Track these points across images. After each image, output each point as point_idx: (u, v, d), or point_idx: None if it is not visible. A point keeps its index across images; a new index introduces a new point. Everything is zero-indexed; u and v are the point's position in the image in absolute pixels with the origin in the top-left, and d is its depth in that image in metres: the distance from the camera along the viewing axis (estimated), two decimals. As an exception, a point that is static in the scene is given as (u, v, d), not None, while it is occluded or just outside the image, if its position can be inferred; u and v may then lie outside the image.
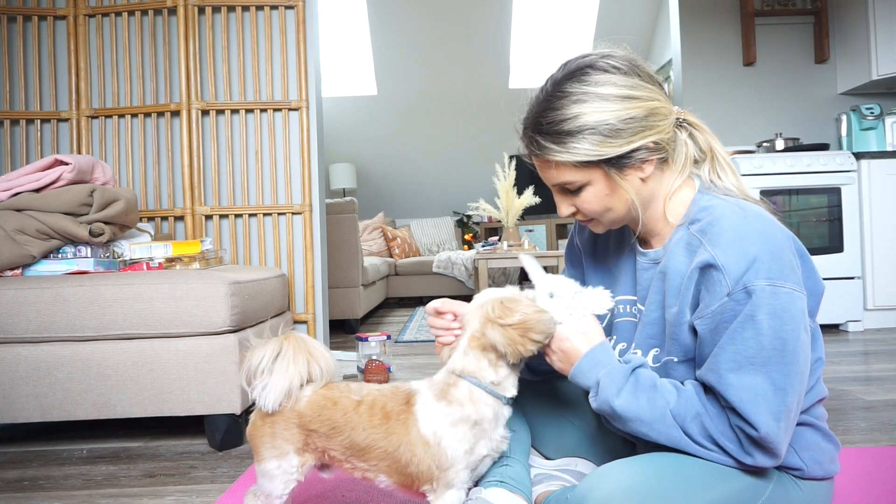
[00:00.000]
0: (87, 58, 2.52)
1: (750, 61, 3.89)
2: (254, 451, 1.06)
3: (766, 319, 0.82)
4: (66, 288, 1.67)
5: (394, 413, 1.00)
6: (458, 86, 6.32)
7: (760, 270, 0.82)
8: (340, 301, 3.89)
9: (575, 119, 0.89)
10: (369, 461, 1.00)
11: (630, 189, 0.93)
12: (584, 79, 0.91)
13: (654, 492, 0.86)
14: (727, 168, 0.98)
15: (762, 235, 0.85)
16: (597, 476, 0.91)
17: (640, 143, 0.90)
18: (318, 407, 1.02)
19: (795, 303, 0.83)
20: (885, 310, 3.40)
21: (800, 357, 0.84)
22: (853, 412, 1.87)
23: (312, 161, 2.56)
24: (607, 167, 0.91)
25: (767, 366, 0.82)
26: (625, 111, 0.89)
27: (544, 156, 0.93)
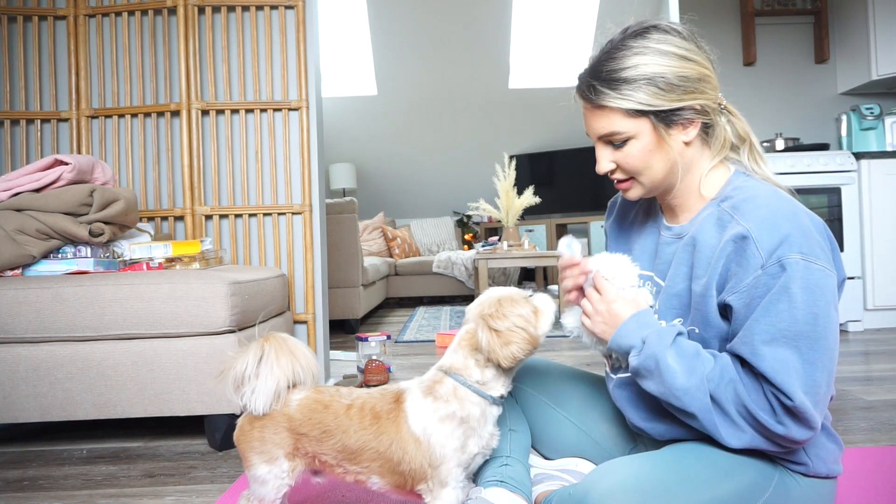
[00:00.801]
0: (87, 58, 2.52)
1: (750, 61, 3.89)
2: (242, 458, 1.05)
3: (800, 293, 0.83)
4: (65, 288, 1.67)
5: (384, 412, 1.00)
6: (458, 86, 6.32)
7: (794, 245, 0.84)
8: (340, 301, 3.89)
9: (634, 68, 0.93)
10: (361, 463, 1.00)
11: (674, 147, 0.95)
12: (646, 35, 0.97)
13: (657, 487, 0.86)
14: (762, 158, 1.01)
15: (794, 215, 0.88)
16: (600, 472, 0.91)
17: (690, 102, 0.93)
18: (308, 411, 1.02)
19: (828, 280, 0.85)
20: (885, 310, 3.40)
21: (829, 333, 0.84)
22: (853, 412, 1.87)
23: (312, 161, 2.56)
24: (656, 120, 0.94)
25: (798, 340, 0.83)
26: (681, 69, 0.93)
27: (599, 101, 0.95)
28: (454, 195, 6.89)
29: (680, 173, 0.97)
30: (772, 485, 0.91)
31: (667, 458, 0.92)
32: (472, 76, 6.24)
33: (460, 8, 5.79)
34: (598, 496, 0.86)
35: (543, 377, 1.22)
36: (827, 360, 0.85)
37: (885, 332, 3.30)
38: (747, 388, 0.87)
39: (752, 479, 0.90)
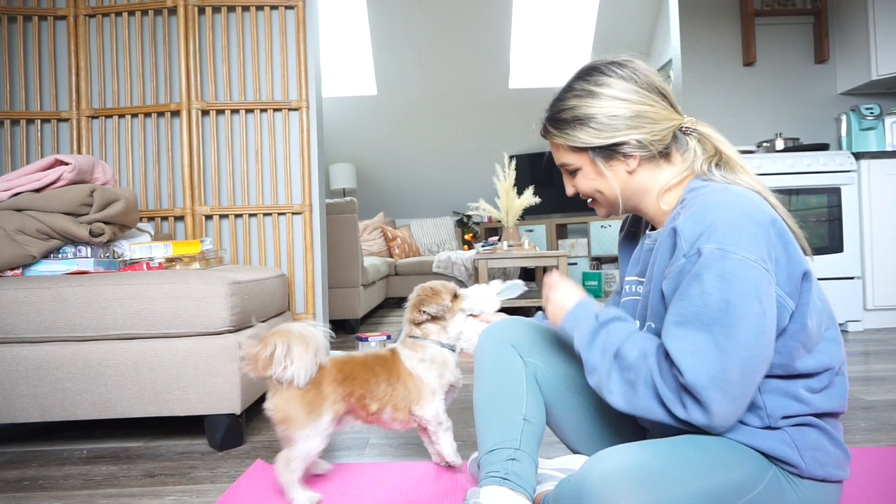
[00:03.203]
0: (87, 58, 2.52)
1: (750, 61, 3.89)
2: (289, 423, 1.28)
3: (712, 280, 0.87)
4: (66, 288, 1.67)
5: (389, 360, 1.42)
6: (458, 86, 6.32)
7: (713, 235, 0.88)
8: (340, 301, 3.89)
9: (571, 110, 1.05)
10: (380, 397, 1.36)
11: (613, 178, 1.06)
12: (587, 78, 1.06)
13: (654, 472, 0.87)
14: (739, 168, 1.04)
15: (728, 206, 0.91)
16: (597, 457, 0.91)
17: (623, 138, 1.02)
18: (341, 364, 1.37)
19: (748, 271, 0.86)
20: (885, 310, 3.40)
21: (745, 323, 0.85)
22: (853, 412, 1.87)
23: (312, 161, 2.56)
24: (593, 154, 1.05)
25: (712, 326, 0.86)
26: (612, 109, 1.02)
27: (549, 138, 1.10)
28: (454, 195, 6.89)
29: (632, 196, 1.07)
30: (764, 480, 0.92)
31: (664, 446, 0.93)
32: (472, 76, 6.24)
33: (460, 8, 5.79)
34: (596, 480, 0.86)
35: (570, 359, 1.18)
36: (742, 351, 0.85)
37: (884, 332, 3.30)
38: (661, 365, 0.91)
39: (747, 473, 0.91)
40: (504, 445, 1.09)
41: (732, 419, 0.89)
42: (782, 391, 0.94)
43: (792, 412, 0.93)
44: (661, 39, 5.98)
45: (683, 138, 1.06)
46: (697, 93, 3.94)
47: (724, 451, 0.92)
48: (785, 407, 0.93)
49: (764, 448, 0.93)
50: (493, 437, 1.11)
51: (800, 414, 0.94)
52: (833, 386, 0.96)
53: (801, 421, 0.93)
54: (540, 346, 1.19)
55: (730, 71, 3.94)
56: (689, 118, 1.06)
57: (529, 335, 1.19)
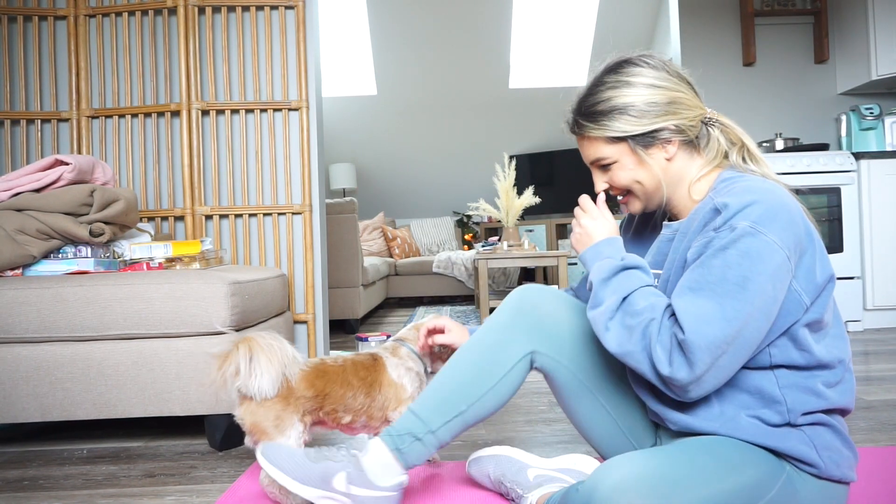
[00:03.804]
0: (87, 58, 2.52)
1: (750, 61, 3.89)
2: (260, 433, 1.26)
3: (736, 255, 0.88)
4: (66, 288, 1.67)
5: (370, 366, 1.38)
6: (458, 86, 6.32)
7: (749, 215, 0.90)
8: (340, 301, 3.89)
9: (607, 101, 1.06)
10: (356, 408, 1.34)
11: (655, 165, 1.06)
12: (619, 70, 1.08)
13: (665, 481, 0.87)
14: (760, 160, 1.07)
15: (768, 193, 0.92)
16: (607, 467, 0.91)
17: (662, 124, 1.04)
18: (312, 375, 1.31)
19: (772, 254, 0.88)
20: (885, 310, 3.40)
21: (756, 301, 0.87)
22: (853, 412, 1.87)
23: (312, 161, 2.56)
24: (633, 143, 1.05)
25: (725, 298, 0.87)
26: (649, 96, 1.04)
27: (583, 133, 1.10)
28: (454, 195, 6.88)
29: (670, 184, 1.07)
30: (779, 482, 0.91)
31: (674, 452, 0.92)
32: (472, 76, 6.24)
33: (460, 8, 5.79)
34: (607, 490, 0.86)
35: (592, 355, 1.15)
36: (744, 328, 0.87)
37: (884, 332, 3.30)
38: (662, 324, 0.92)
39: (760, 475, 0.91)
40: (425, 421, 1.11)
41: (708, 388, 0.91)
42: (801, 386, 0.94)
43: (811, 408, 0.94)
44: (661, 39, 5.98)
45: (705, 130, 1.08)
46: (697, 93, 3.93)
47: (735, 454, 0.92)
48: (805, 402, 0.94)
49: (785, 448, 0.93)
50: (427, 405, 1.12)
51: (818, 410, 0.94)
52: (845, 381, 0.97)
53: (818, 419, 0.94)
54: (561, 334, 1.14)
55: (730, 71, 3.94)
56: (710, 110, 1.09)
57: (556, 320, 1.14)
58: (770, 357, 0.94)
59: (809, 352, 0.94)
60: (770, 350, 0.94)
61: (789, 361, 0.94)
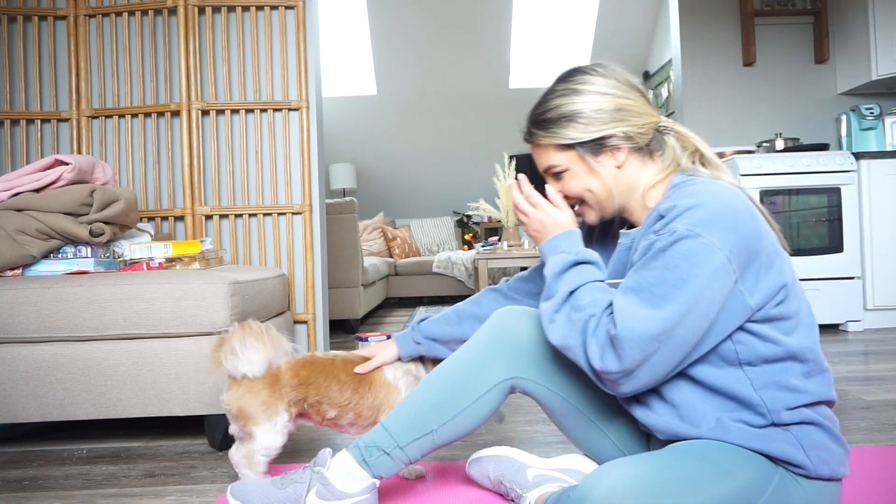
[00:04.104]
0: (87, 58, 2.52)
1: (750, 61, 3.89)
2: (246, 418, 1.28)
3: (675, 257, 0.90)
4: (66, 288, 1.67)
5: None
6: (458, 86, 6.32)
7: (689, 218, 0.91)
8: (340, 301, 3.89)
9: (557, 109, 1.08)
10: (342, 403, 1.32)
11: (605, 172, 1.07)
12: (569, 79, 1.10)
13: (657, 488, 0.86)
14: (716, 164, 1.07)
15: (710, 195, 0.94)
16: (599, 473, 0.91)
17: (610, 131, 1.05)
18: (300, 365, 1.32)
19: (711, 256, 0.89)
20: (885, 310, 3.40)
21: (691, 302, 0.88)
22: (853, 412, 1.87)
23: (312, 161, 2.56)
24: (582, 150, 1.06)
25: (660, 298, 0.89)
26: (597, 104, 1.05)
27: (534, 140, 1.12)
28: (454, 195, 6.88)
29: (623, 192, 1.08)
30: (771, 485, 0.91)
31: (666, 458, 0.92)
32: (472, 76, 6.24)
33: (460, 8, 5.79)
34: (598, 497, 0.86)
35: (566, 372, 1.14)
36: (675, 325, 0.88)
37: (884, 332, 3.30)
38: (601, 321, 0.94)
39: (751, 479, 0.90)
40: (395, 437, 1.12)
41: (643, 384, 0.92)
42: (776, 384, 0.93)
43: (792, 404, 0.93)
44: (661, 39, 5.98)
45: (661, 138, 1.09)
46: (697, 93, 3.94)
47: (726, 458, 0.92)
48: (783, 399, 0.93)
49: (771, 451, 0.92)
50: (399, 420, 1.13)
51: (800, 405, 0.94)
52: (823, 371, 0.97)
53: (803, 417, 0.93)
54: (543, 356, 1.12)
55: (730, 71, 3.94)
56: (665, 118, 1.10)
57: (537, 342, 1.12)
58: (737, 354, 0.95)
59: (777, 343, 0.93)
60: (735, 347, 0.94)
61: (756, 356, 0.94)
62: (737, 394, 0.94)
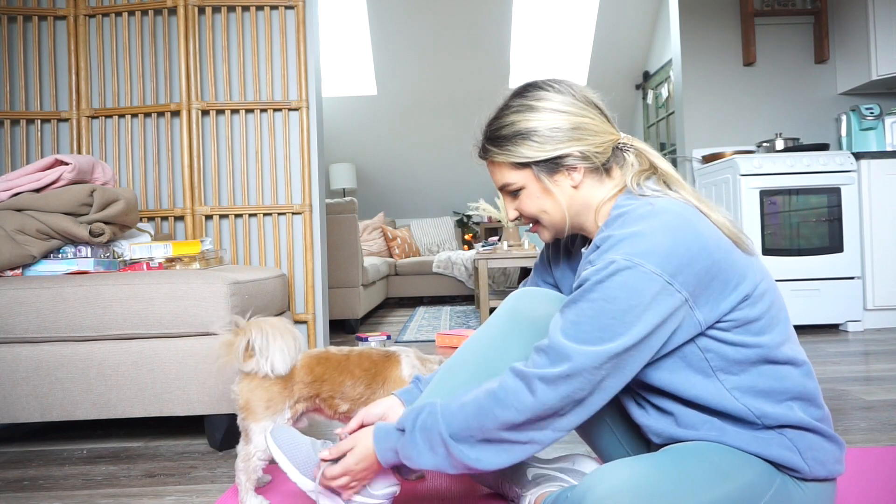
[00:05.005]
0: (87, 58, 2.52)
1: (750, 61, 3.89)
2: (249, 412, 1.28)
3: (615, 288, 0.87)
4: (66, 288, 1.67)
5: (379, 360, 1.36)
6: (458, 86, 6.32)
7: (625, 247, 0.89)
8: (340, 301, 3.89)
9: (511, 125, 1.04)
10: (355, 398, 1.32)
11: (559, 193, 1.04)
12: (525, 94, 1.05)
13: (656, 490, 0.86)
14: (675, 182, 1.03)
15: (651, 219, 0.91)
16: (597, 474, 0.91)
17: (567, 150, 1.01)
18: (315, 360, 1.33)
19: (650, 283, 0.87)
20: (885, 310, 3.40)
21: (631, 331, 0.87)
22: (853, 412, 1.87)
23: (312, 161, 2.56)
24: (536, 169, 1.03)
25: (602, 332, 0.87)
26: (553, 122, 1.01)
27: (488, 157, 1.08)
28: (454, 195, 6.89)
29: (578, 213, 1.05)
30: (772, 488, 0.91)
31: (665, 460, 0.92)
32: (472, 76, 6.25)
33: (460, 8, 5.79)
34: (596, 498, 0.86)
35: None
36: (611, 351, 0.87)
37: (884, 332, 3.30)
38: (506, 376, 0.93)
39: (751, 481, 0.90)
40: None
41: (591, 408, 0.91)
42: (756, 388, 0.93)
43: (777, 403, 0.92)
44: (661, 39, 5.98)
45: (621, 154, 1.05)
46: (697, 93, 3.94)
47: (726, 460, 0.91)
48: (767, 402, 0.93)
49: (768, 454, 0.92)
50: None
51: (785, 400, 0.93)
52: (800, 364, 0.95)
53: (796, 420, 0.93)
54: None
55: (730, 71, 3.94)
56: (625, 135, 1.06)
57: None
58: (707, 362, 0.93)
59: (747, 346, 0.92)
60: (704, 356, 0.93)
61: (728, 362, 0.93)
62: (722, 408, 0.93)
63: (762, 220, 3.33)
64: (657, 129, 6.15)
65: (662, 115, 5.97)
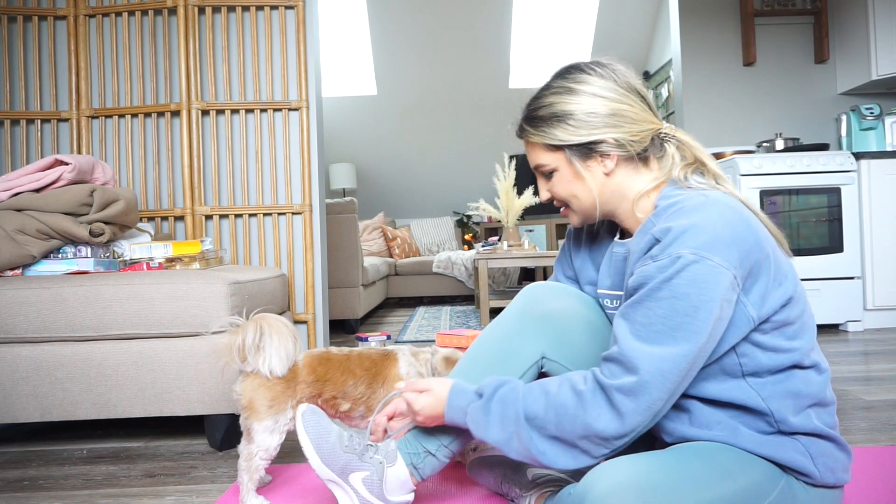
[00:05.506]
0: (87, 58, 2.52)
1: (750, 61, 3.89)
2: (252, 411, 1.27)
3: (683, 285, 0.85)
4: (66, 288, 1.67)
5: (378, 359, 1.37)
6: (458, 86, 6.32)
7: (689, 240, 0.86)
8: (340, 301, 3.89)
9: (549, 107, 1.03)
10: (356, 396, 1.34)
11: (590, 179, 1.03)
12: (566, 76, 1.04)
13: (657, 487, 0.86)
14: (719, 177, 1.01)
15: (706, 211, 0.89)
16: (599, 471, 0.90)
17: (601, 136, 0.99)
18: (317, 360, 1.34)
19: (719, 277, 0.85)
20: (885, 310, 3.40)
21: (704, 328, 0.85)
22: (853, 412, 1.87)
23: (312, 161, 2.56)
24: (569, 153, 1.02)
25: (676, 331, 0.85)
26: (590, 106, 1.00)
27: (524, 137, 1.08)
28: (454, 195, 6.88)
29: (609, 201, 1.04)
30: (777, 489, 0.91)
31: (668, 458, 0.92)
32: (472, 76, 6.25)
33: (460, 8, 5.79)
34: (597, 496, 0.86)
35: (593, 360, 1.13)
36: (693, 355, 0.86)
37: (885, 332, 3.30)
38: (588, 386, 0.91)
39: (755, 481, 0.90)
40: (440, 436, 1.11)
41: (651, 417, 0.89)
42: (781, 392, 0.93)
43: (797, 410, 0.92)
44: (661, 39, 5.98)
45: (661, 145, 1.03)
46: (697, 93, 3.94)
47: (729, 460, 0.91)
48: (789, 407, 0.92)
49: (781, 458, 0.92)
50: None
51: (805, 407, 0.93)
52: (822, 372, 0.96)
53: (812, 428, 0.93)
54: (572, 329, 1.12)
55: (730, 71, 3.94)
56: (667, 125, 1.04)
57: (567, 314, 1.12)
58: (741, 366, 0.93)
59: (780, 351, 0.92)
60: (740, 360, 0.92)
61: (760, 367, 0.92)
62: (745, 403, 0.93)
63: (762, 220, 3.33)
64: (657, 129, 6.14)
65: (662, 115, 5.97)
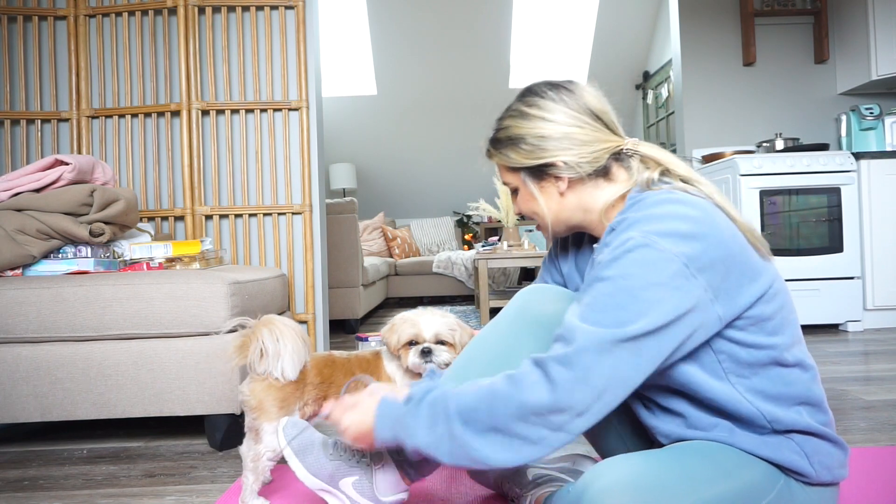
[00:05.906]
0: (87, 58, 2.52)
1: (750, 61, 3.89)
2: (262, 412, 1.29)
3: (629, 265, 0.86)
4: (66, 288, 1.67)
5: (372, 361, 1.43)
6: (458, 86, 6.32)
7: (641, 226, 0.88)
8: (340, 301, 3.89)
9: (506, 130, 1.05)
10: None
11: (546, 199, 1.05)
12: (522, 99, 1.06)
13: (655, 485, 0.86)
14: (693, 180, 1.00)
15: (665, 205, 0.91)
16: (597, 469, 0.90)
17: (551, 159, 1.01)
18: (321, 363, 1.38)
19: (665, 262, 0.85)
20: (885, 310, 3.40)
21: (648, 310, 0.84)
22: (853, 412, 1.87)
23: (312, 161, 2.56)
24: (524, 175, 1.05)
25: (619, 310, 0.85)
26: (540, 130, 1.01)
27: (489, 158, 1.11)
28: (454, 195, 6.89)
29: (572, 216, 1.05)
30: (775, 489, 0.91)
31: (666, 456, 0.92)
32: (472, 76, 6.24)
33: (460, 8, 5.79)
34: (595, 494, 0.86)
35: None
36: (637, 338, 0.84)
37: (884, 332, 3.30)
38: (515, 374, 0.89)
39: (753, 481, 0.90)
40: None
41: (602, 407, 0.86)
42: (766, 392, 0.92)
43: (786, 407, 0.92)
44: (661, 39, 5.98)
45: (627, 160, 1.03)
46: (697, 93, 3.94)
47: (728, 459, 0.91)
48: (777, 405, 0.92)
49: (777, 459, 0.92)
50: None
51: (794, 404, 0.93)
52: (808, 369, 0.95)
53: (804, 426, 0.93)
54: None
55: (730, 71, 3.94)
56: (631, 140, 1.03)
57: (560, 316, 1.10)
58: (720, 364, 0.92)
59: (759, 347, 0.91)
60: (717, 358, 0.91)
61: (740, 364, 0.91)
62: (735, 411, 0.92)
63: (762, 220, 3.33)
64: (657, 130, 6.15)
65: (662, 115, 5.97)
